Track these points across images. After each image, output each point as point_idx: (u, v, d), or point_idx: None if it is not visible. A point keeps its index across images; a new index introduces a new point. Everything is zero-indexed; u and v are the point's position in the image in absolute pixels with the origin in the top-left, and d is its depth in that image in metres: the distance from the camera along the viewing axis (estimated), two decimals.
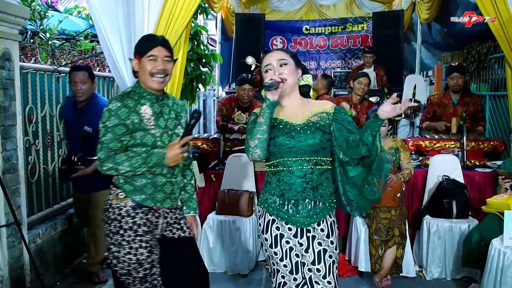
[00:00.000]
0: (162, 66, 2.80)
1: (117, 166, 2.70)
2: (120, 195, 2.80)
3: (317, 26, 11.32)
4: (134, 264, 2.77)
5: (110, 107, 2.73)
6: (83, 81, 4.30)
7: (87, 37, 6.86)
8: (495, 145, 5.27)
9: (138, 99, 2.81)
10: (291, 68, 2.66)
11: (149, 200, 2.81)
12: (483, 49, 7.29)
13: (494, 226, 4.01)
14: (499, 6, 4.24)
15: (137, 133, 2.75)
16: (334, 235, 2.67)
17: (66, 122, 4.70)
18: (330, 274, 2.62)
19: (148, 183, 2.80)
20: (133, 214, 2.78)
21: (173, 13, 4.24)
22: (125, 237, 2.76)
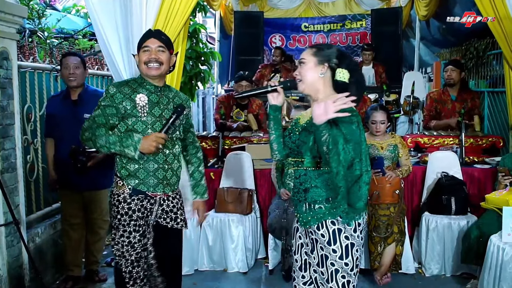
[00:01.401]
0: (154, 55, 2.99)
1: (95, 138, 2.89)
2: (119, 182, 3.02)
3: (316, 24, 11.33)
4: (127, 247, 3.02)
5: (109, 90, 2.98)
6: (76, 65, 4.22)
7: (85, 36, 6.87)
8: (494, 141, 5.27)
9: (136, 88, 3.02)
10: (309, 66, 2.61)
11: (142, 184, 3.00)
12: (481, 46, 7.29)
13: (493, 222, 4.01)
14: (497, 3, 4.25)
15: (129, 119, 2.96)
16: (338, 244, 2.51)
17: (55, 119, 4.31)
18: (333, 280, 2.55)
19: (140, 168, 2.99)
20: (129, 200, 3.00)
21: (171, 11, 4.23)
22: (122, 221, 3.01)
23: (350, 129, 2.39)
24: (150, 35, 3.08)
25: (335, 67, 2.58)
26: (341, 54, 2.61)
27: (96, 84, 5.64)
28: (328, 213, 2.53)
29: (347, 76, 2.57)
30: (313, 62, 2.61)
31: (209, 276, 4.65)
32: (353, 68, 2.61)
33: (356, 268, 2.56)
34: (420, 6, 8.30)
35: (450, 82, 5.64)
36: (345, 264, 2.52)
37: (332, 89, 2.61)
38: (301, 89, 2.66)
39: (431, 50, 9.50)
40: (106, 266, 4.87)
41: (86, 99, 4.25)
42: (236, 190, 4.83)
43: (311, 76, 2.61)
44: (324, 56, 2.59)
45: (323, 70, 2.59)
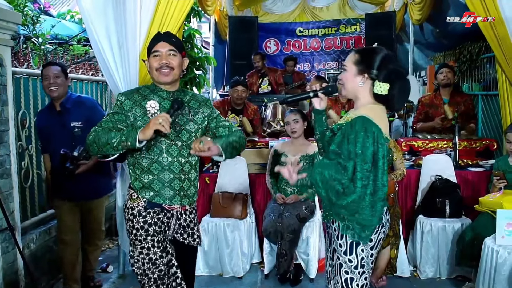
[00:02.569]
0: (165, 60, 2.85)
1: (98, 139, 2.73)
2: (133, 195, 2.89)
3: (311, 28, 11.35)
4: (148, 264, 2.83)
5: (118, 98, 2.89)
6: (56, 75, 4.06)
7: (80, 42, 6.87)
8: (488, 144, 5.29)
9: (148, 95, 2.91)
10: (349, 74, 2.64)
11: (158, 197, 2.85)
12: (475, 49, 7.32)
13: (487, 225, 4.02)
14: (489, 7, 4.27)
15: (138, 123, 2.81)
16: (344, 240, 2.57)
17: (45, 132, 4.22)
18: (338, 274, 2.62)
19: (155, 179, 2.84)
20: (144, 213, 2.85)
21: (165, 16, 4.24)
22: (138, 236, 2.83)
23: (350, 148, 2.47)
24: (159, 38, 2.92)
25: (375, 78, 2.57)
26: (383, 64, 2.57)
27: (91, 90, 5.65)
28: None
29: (386, 88, 2.54)
30: (353, 71, 2.63)
31: (205, 281, 4.65)
32: (394, 78, 2.56)
33: (362, 268, 2.58)
34: (413, 10, 8.32)
35: (447, 82, 5.68)
36: (348, 260, 2.58)
37: (372, 98, 2.62)
38: (343, 94, 2.73)
39: (425, 53, 9.53)
40: (101, 272, 4.87)
41: (70, 107, 4.14)
42: (231, 195, 4.83)
43: (351, 84, 2.65)
44: (364, 66, 2.59)
45: (363, 80, 2.61)
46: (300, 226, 4.46)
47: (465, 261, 4.17)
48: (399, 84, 2.57)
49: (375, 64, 2.56)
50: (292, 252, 4.45)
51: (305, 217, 4.53)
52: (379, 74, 2.55)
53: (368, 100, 2.62)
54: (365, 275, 2.59)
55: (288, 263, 4.42)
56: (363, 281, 2.59)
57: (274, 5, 11.14)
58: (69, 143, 4.01)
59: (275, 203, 4.67)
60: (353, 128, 2.49)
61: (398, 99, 2.60)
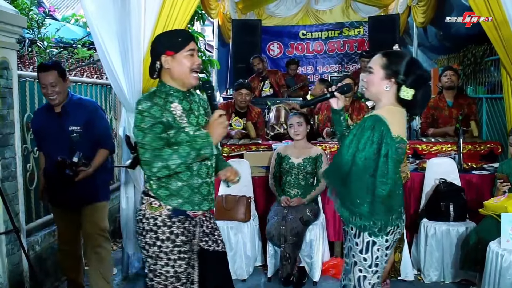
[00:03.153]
0: (198, 62, 2.69)
1: (167, 163, 2.51)
2: (154, 204, 2.65)
3: (314, 31, 11.35)
4: (172, 278, 2.64)
5: (141, 108, 2.56)
6: (52, 83, 3.74)
7: (84, 45, 6.90)
8: (492, 147, 5.29)
9: (166, 97, 2.65)
10: (376, 77, 2.67)
11: (187, 204, 2.66)
12: (479, 52, 7.31)
13: (491, 228, 4.01)
14: (493, 9, 4.27)
15: (171, 131, 2.59)
16: (361, 239, 2.62)
17: (41, 133, 4.00)
18: (351, 272, 2.68)
19: (184, 186, 2.65)
20: (169, 223, 2.64)
21: (169, 19, 4.26)
22: (163, 248, 2.63)
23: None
24: (191, 36, 2.69)
25: (402, 83, 2.61)
26: (410, 68, 2.62)
27: (95, 93, 5.66)
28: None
29: (411, 94, 2.60)
30: (380, 74, 2.66)
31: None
32: (420, 83, 2.62)
33: (376, 267, 2.64)
34: (417, 13, 8.33)
35: (451, 85, 5.71)
36: (363, 259, 2.63)
37: (395, 101, 2.67)
38: (365, 95, 2.77)
39: (429, 56, 9.53)
40: None
41: (70, 109, 3.88)
42: (235, 198, 4.83)
43: (376, 87, 2.68)
44: (392, 71, 2.63)
45: (389, 85, 2.64)
46: (303, 229, 4.46)
47: (469, 265, 4.15)
48: (423, 90, 2.64)
49: (403, 69, 2.61)
50: (296, 255, 4.45)
51: (309, 220, 4.53)
52: (406, 79, 2.60)
53: (392, 102, 2.67)
54: (378, 274, 2.66)
55: (291, 266, 4.41)
56: (376, 279, 2.66)
57: (277, 8, 11.16)
58: (66, 147, 3.78)
59: (278, 206, 4.67)
60: (362, 125, 2.56)
61: (421, 104, 2.68)
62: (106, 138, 4.05)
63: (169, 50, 2.63)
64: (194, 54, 2.67)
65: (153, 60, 2.69)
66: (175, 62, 2.63)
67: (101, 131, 4.00)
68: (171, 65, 2.64)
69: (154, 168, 2.52)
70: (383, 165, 2.49)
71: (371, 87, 2.69)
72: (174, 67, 2.64)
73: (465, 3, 5.40)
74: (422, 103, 2.68)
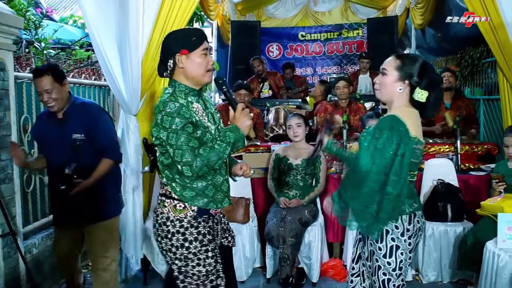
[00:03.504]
0: (212, 60, 2.69)
1: (208, 161, 2.50)
2: (179, 206, 2.61)
3: (313, 33, 11.38)
4: (203, 277, 2.63)
5: (170, 110, 2.49)
6: (47, 90, 3.48)
7: (82, 46, 6.89)
8: (489, 148, 5.30)
9: (185, 97, 2.61)
10: (390, 79, 2.71)
11: (212, 202, 2.65)
12: (476, 54, 7.33)
13: (488, 228, 4.02)
14: (490, 12, 4.29)
15: (198, 131, 2.56)
16: (384, 244, 2.66)
17: (41, 141, 3.83)
18: (375, 275, 2.72)
19: (209, 185, 2.64)
20: (196, 224, 2.62)
21: (168, 20, 4.27)
22: (191, 249, 2.60)
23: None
24: (204, 36, 2.67)
25: (416, 85, 2.66)
26: (423, 71, 2.67)
27: (93, 94, 5.66)
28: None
29: (425, 96, 2.65)
30: (394, 76, 2.70)
31: None
32: (433, 85, 2.67)
33: (400, 270, 2.68)
34: (415, 14, 8.35)
35: (448, 86, 5.73)
36: (387, 263, 2.67)
37: (408, 103, 2.71)
38: (377, 96, 2.80)
39: (427, 58, 9.48)
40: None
41: (73, 114, 3.61)
42: (234, 199, 4.79)
43: (390, 89, 2.72)
44: (406, 73, 2.68)
45: (403, 87, 2.69)
46: (302, 231, 4.46)
47: (467, 265, 4.17)
48: (436, 92, 2.69)
49: (416, 71, 2.66)
50: (294, 257, 4.45)
51: (308, 221, 4.53)
52: (420, 81, 2.65)
53: (405, 104, 2.72)
54: (402, 276, 2.70)
55: (290, 267, 4.41)
56: (400, 282, 2.70)
57: (277, 10, 11.18)
58: (67, 157, 3.51)
59: (277, 207, 4.67)
60: (379, 126, 2.60)
61: (432, 106, 2.71)
62: (111, 146, 3.70)
63: (184, 49, 2.59)
64: (207, 53, 2.65)
65: (164, 58, 2.65)
66: (189, 61, 2.60)
67: (105, 139, 3.65)
68: (185, 64, 2.60)
69: (196, 168, 2.50)
70: (398, 164, 2.51)
71: (385, 88, 2.73)
72: (188, 66, 2.61)
73: (463, 5, 5.40)
74: (434, 105, 2.72)
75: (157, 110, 2.54)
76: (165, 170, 2.62)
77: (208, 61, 2.65)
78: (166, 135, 2.49)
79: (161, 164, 2.62)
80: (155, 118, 2.55)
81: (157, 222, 2.67)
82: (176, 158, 2.50)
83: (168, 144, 2.50)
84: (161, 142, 2.54)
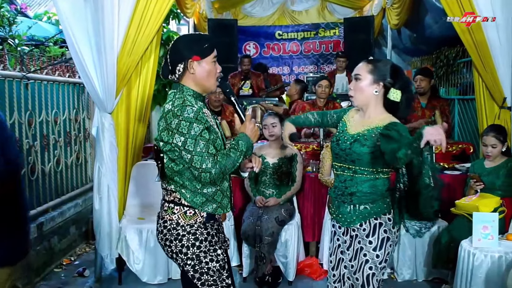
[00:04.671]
0: (220, 68, 2.70)
1: (225, 168, 2.51)
2: (189, 213, 2.59)
3: (290, 32, 11.39)
4: (218, 272, 2.62)
5: (187, 115, 2.46)
6: None
7: (56, 43, 6.81)
8: (464, 148, 5.36)
9: (196, 103, 2.59)
10: (364, 83, 2.77)
11: (220, 208, 2.65)
12: (451, 54, 7.41)
13: (463, 227, 4.07)
14: (467, 11, 4.30)
15: (212, 137, 2.56)
16: (376, 236, 2.76)
17: None
18: (360, 271, 2.76)
19: (218, 190, 2.63)
20: (204, 227, 2.61)
21: (143, 18, 4.24)
22: (202, 248, 2.60)
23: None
24: (215, 43, 2.67)
25: (390, 86, 2.74)
26: (395, 72, 2.77)
27: (67, 92, 5.58)
28: (374, 212, 2.78)
29: (399, 95, 2.73)
30: (369, 80, 2.77)
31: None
32: (405, 85, 2.77)
33: (385, 263, 2.78)
34: (391, 15, 8.40)
35: (420, 91, 5.78)
36: (376, 256, 2.75)
37: (382, 105, 2.80)
38: (353, 102, 2.85)
39: (403, 58, 9.62)
40: (78, 276, 4.81)
41: None
42: None
43: (366, 93, 2.78)
44: (380, 75, 2.75)
45: (378, 89, 2.76)
46: (279, 229, 4.46)
47: (442, 264, 4.22)
48: (408, 93, 2.78)
49: (389, 72, 2.75)
50: (271, 255, 4.45)
51: (284, 220, 4.53)
52: (394, 82, 2.73)
53: (379, 107, 2.80)
54: (384, 270, 2.81)
55: (266, 266, 4.41)
56: (381, 276, 2.79)
57: (254, 9, 11.16)
58: None
59: (253, 206, 4.66)
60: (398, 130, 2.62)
61: (405, 107, 2.79)
62: None
63: (196, 55, 2.58)
64: (216, 61, 2.66)
65: (174, 62, 2.61)
66: (200, 68, 2.60)
67: None
68: (196, 70, 2.60)
69: (215, 174, 2.48)
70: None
71: (360, 93, 2.79)
72: (199, 73, 2.60)
73: (439, 5, 5.44)
74: (407, 105, 2.80)
75: (170, 114, 2.49)
76: (174, 176, 2.58)
77: (217, 68, 2.66)
78: (183, 141, 2.46)
79: (171, 170, 2.58)
80: (165, 122, 2.49)
81: (165, 228, 2.63)
82: (195, 164, 2.46)
83: (185, 150, 2.47)
84: (175, 147, 2.50)
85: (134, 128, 4.65)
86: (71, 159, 5.60)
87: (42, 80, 5.07)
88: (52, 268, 4.98)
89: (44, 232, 4.83)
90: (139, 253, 4.50)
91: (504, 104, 4.41)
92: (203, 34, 2.73)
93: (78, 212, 5.57)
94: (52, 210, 5.11)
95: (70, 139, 5.58)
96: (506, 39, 4.27)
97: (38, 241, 4.73)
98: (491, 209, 3.99)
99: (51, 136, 5.16)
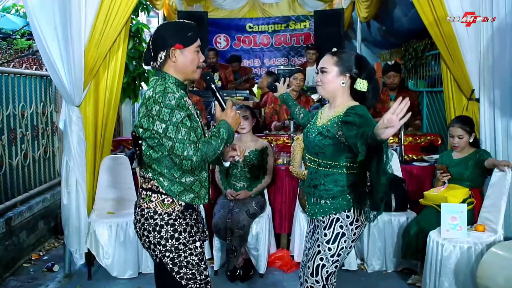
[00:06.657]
0: (203, 57, 2.67)
1: (206, 156, 2.48)
2: (167, 201, 2.56)
3: (261, 24, 11.37)
4: (197, 266, 2.60)
5: (168, 102, 2.42)
6: None
7: (23, 35, 6.69)
8: (432, 139, 5.43)
9: (178, 90, 2.54)
10: (331, 76, 2.81)
11: (197, 198, 2.62)
12: (420, 46, 7.49)
13: (431, 218, 4.12)
14: (436, 5, 4.35)
15: (193, 124, 2.52)
16: (331, 230, 2.78)
17: None
18: (311, 260, 2.82)
19: (196, 180, 2.60)
20: (183, 216, 2.59)
21: (111, 10, 4.19)
22: (181, 239, 2.57)
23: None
24: (199, 32, 2.65)
25: (356, 76, 2.77)
26: (360, 63, 2.80)
27: (35, 85, 5.48)
28: (333, 208, 2.79)
29: (366, 85, 2.77)
30: (335, 72, 2.81)
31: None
32: (371, 76, 2.79)
33: (338, 257, 2.79)
34: (361, 8, 8.44)
35: (393, 86, 5.91)
36: (328, 248, 2.77)
37: (349, 96, 2.84)
38: (320, 94, 2.91)
39: (372, 51, 9.69)
40: (47, 272, 4.74)
41: None
42: None
43: (333, 85, 2.82)
44: (345, 66, 2.79)
45: (345, 80, 2.80)
46: (249, 222, 4.46)
47: (411, 254, 4.26)
48: (374, 82, 2.80)
49: (354, 63, 2.78)
50: (242, 248, 4.45)
51: (255, 213, 4.53)
52: (360, 72, 2.77)
53: (347, 97, 2.84)
54: (337, 263, 2.81)
55: (237, 259, 4.41)
56: (333, 268, 2.80)
57: (224, 1, 11.09)
58: None
59: (224, 199, 4.65)
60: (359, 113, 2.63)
61: (373, 96, 2.81)
62: None
63: (180, 43, 2.56)
64: (199, 50, 2.63)
65: (156, 49, 2.57)
66: (182, 56, 2.57)
67: None
68: (178, 58, 2.57)
69: (196, 162, 2.46)
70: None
71: (328, 85, 2.82)
72: (181, 61, 2.57)
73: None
74: (374, 95, 2.82)
75: (151, 101, 2.44)
76: (153, 164, 2.55)
77: (200, 58, 2.63)
78: (164, 128, 2.42)
79: (149, 157, 2.54)
80: (146, 109, 2.45)
81: (142, 216, 2.59)
82: (176, 151, 2.43)
83: (166, 137, 2.43)
84: (155, 134, 2.46)
85: (102, 121, 4.58)
86: (38, 153, 5.51)
87: (9, 73, 4.97)
88: (21, 263, 4.90)
89: (13, 227, 4.74)
90: (109, 247, 4.46)
91: (472, 96, 4.48)
92: (188, 22, 2.67)
93: (47, 206, 5.49)
94: (20, 205, 5.01)
95: (37, 132, 5.49)
96: (474, 32, 4.34)
97: (7, 236, 4.65)
98: (460, 200, 4.04)
99: (18, 129, 5.07)
